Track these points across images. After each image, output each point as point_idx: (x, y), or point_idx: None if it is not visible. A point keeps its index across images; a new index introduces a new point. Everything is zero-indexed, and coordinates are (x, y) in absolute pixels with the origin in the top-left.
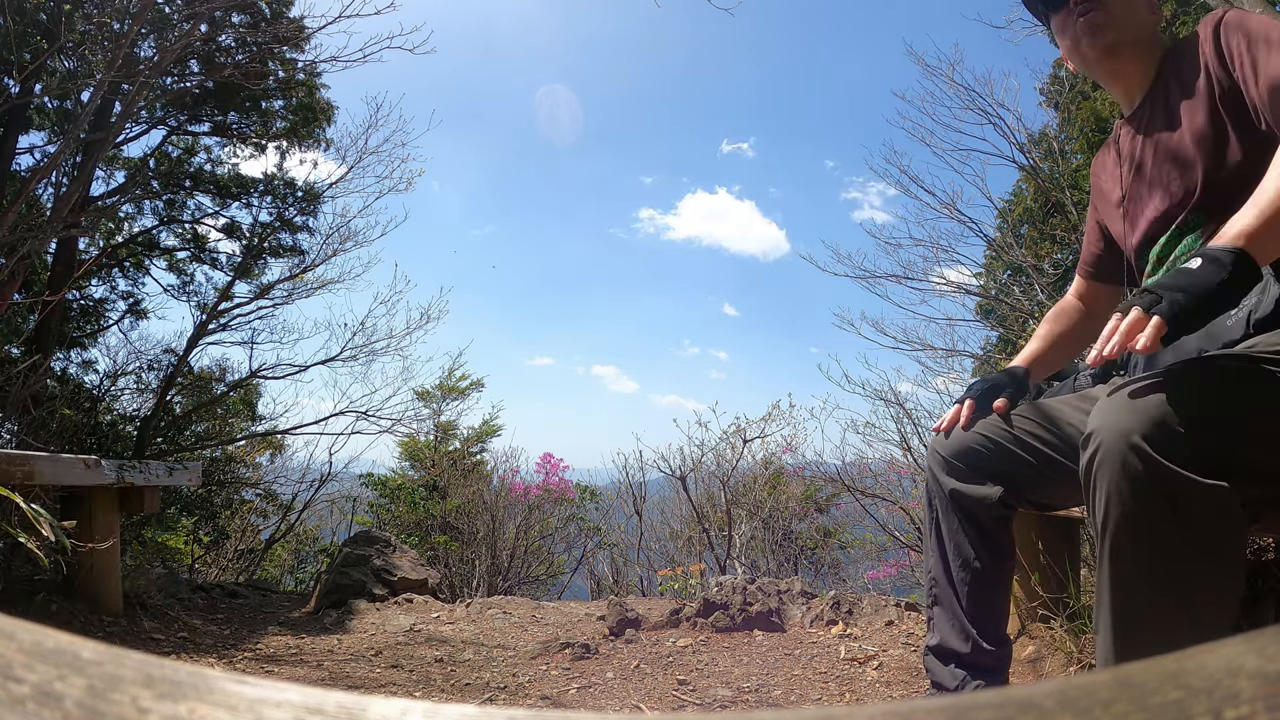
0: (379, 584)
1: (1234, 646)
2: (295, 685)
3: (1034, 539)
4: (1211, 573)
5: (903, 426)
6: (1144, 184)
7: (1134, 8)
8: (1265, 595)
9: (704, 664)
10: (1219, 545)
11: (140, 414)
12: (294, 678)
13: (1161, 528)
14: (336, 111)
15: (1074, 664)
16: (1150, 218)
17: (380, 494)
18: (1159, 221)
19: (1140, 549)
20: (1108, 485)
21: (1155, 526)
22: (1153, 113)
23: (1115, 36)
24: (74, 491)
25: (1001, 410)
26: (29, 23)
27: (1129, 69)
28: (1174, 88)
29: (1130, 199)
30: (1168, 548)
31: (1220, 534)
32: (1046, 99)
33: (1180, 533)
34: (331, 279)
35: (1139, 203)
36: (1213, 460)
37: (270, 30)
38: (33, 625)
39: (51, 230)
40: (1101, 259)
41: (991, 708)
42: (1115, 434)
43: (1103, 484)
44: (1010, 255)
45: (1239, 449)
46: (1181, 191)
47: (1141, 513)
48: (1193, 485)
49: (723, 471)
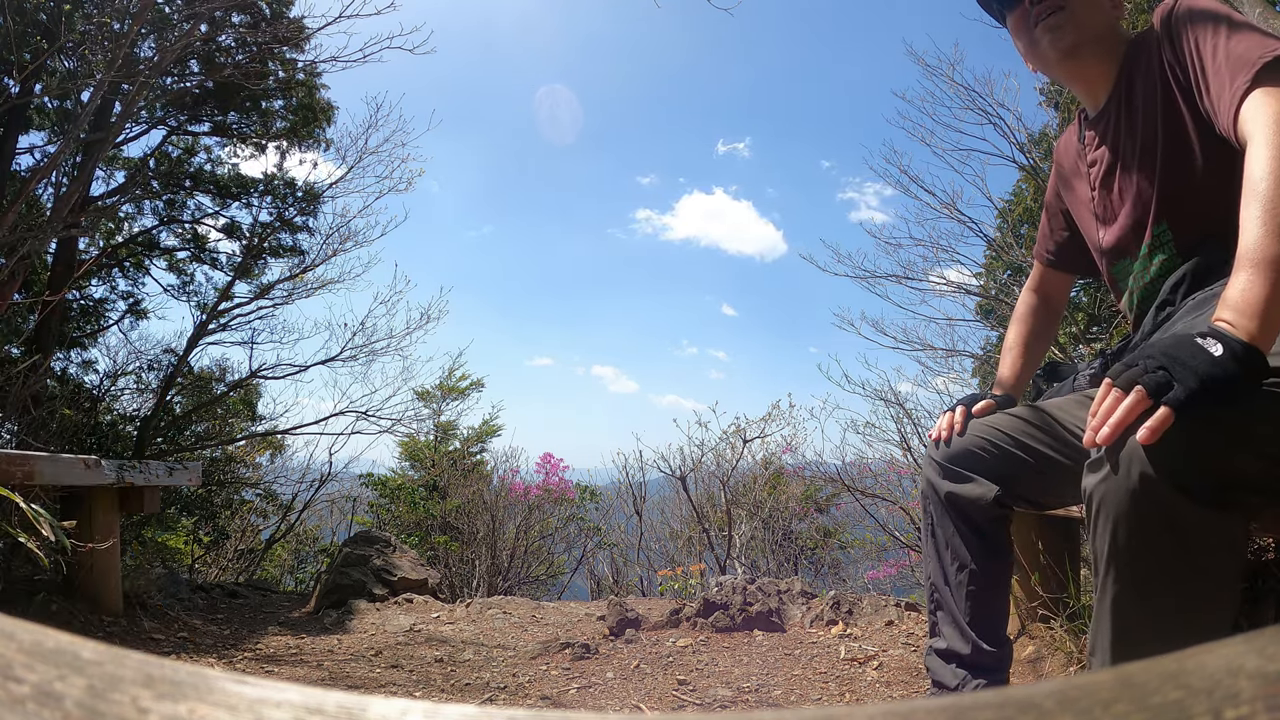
0: (379, 584)
1: (1234, 646)
2: (295, 685)
3: (1034, 539)
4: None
5: (903, 426)
6: (1112, 190)
7: (1096, 5)
8: (1265, 595)
9: (704, 664)
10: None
11: (140, 414)
12: (294, 678)
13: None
14: (336, 111)
15: (1074, 664)
16: (1122, 225)
17: (380, 494)
18: (1131, 230)
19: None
20: (1114, 513)
21: (1163, 560)
22: (1118, 114)
23: (1076, 38)
24: (74, 491)
25: (984, 411)
26: (29, 23)
27: (1090, 71)
28: (1136, 87)
29: (1100, 203)
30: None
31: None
32: (1046, 99)
33: (1188, 566)
34: (331, 279)
35: (1109, 209)
36: (1224, 487)
37: (270, 30)
38: (33, 625)
39: (51, 230)
40: (1065, 248)
41: (991, 708)
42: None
43: (1108, 511)
44: (1010, 255)
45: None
46: (1150, 200)
47: (1149, 544)
48: (1204, 519)
49: (723, 471)
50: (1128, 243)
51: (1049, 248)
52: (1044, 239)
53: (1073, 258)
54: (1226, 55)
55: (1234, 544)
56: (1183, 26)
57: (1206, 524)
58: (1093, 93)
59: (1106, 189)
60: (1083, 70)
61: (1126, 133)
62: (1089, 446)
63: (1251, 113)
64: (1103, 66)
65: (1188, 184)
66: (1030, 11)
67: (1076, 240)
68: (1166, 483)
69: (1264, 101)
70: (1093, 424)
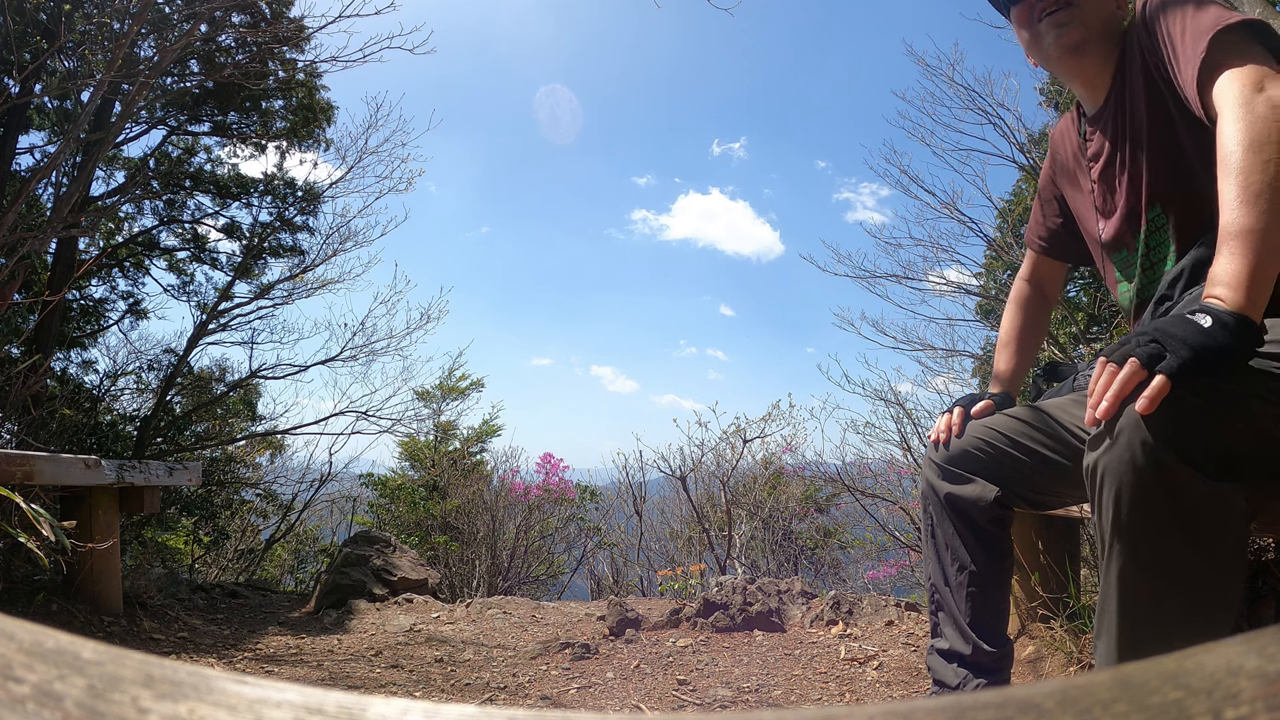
0: (379, 584)
1: (1234, 646)
2: (295, 685)
3: (1034, 539)
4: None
5: (903, 426)
6: (1110, 183)
7: (1102, 3)
8: (1265, 595)
9: (704, 664)
10: (1228, 549)
11: (140, 414)
12: (294, 678)
13: (1170, 530)
14: (336, 111)
15: (1074, 664)
16: (1119, 215)
17: (380, 494)
18: (1126, 220)
19: (1148, 550)
20: (1117, 484)
21: (1164, 529)
22: (1115, 110)
23: (1082, 35)
24: (74, 491)
25: (983, 412)
26: (29, 23)
27: (1091, 69)
28: (1128, 81)
29: (1100, 197)
30: (1175, 550)
31: (1229, 538)
32: (1046, 99)
33: (1189, 535)
34: (331, 279)
35: (1108, 202)
36: (1222, 459)
37: (270, 30)
38: (33, 625)
39: (51, 230)
40: (1058, 235)
41: (991, 708)
42: (1124, 431)
43: (1111, 482)
44: (1010, 255)
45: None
46: (1141, 186)
47: (1151, 514)
48: (1204, 489)
49: (723, 471)
50: (1124, 233)
51: (1041, 234)
52: (1036, 225)
53: (1065, 245)
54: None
55: (1235, 516)
56: (1156, 15)
57: (1208, 496)
58: (1092, 90)
59: (1105, 183)
60: (1083, 68)
61: (1122, 127)
62: (1090, 426)
63: (1219, 88)
64: (1102, 63)
65: (1176, 168)
66: (1035, 5)
67: (1070, 227)
68: (1165, 450)
69: (1228, 75)
70: (1091, 401)
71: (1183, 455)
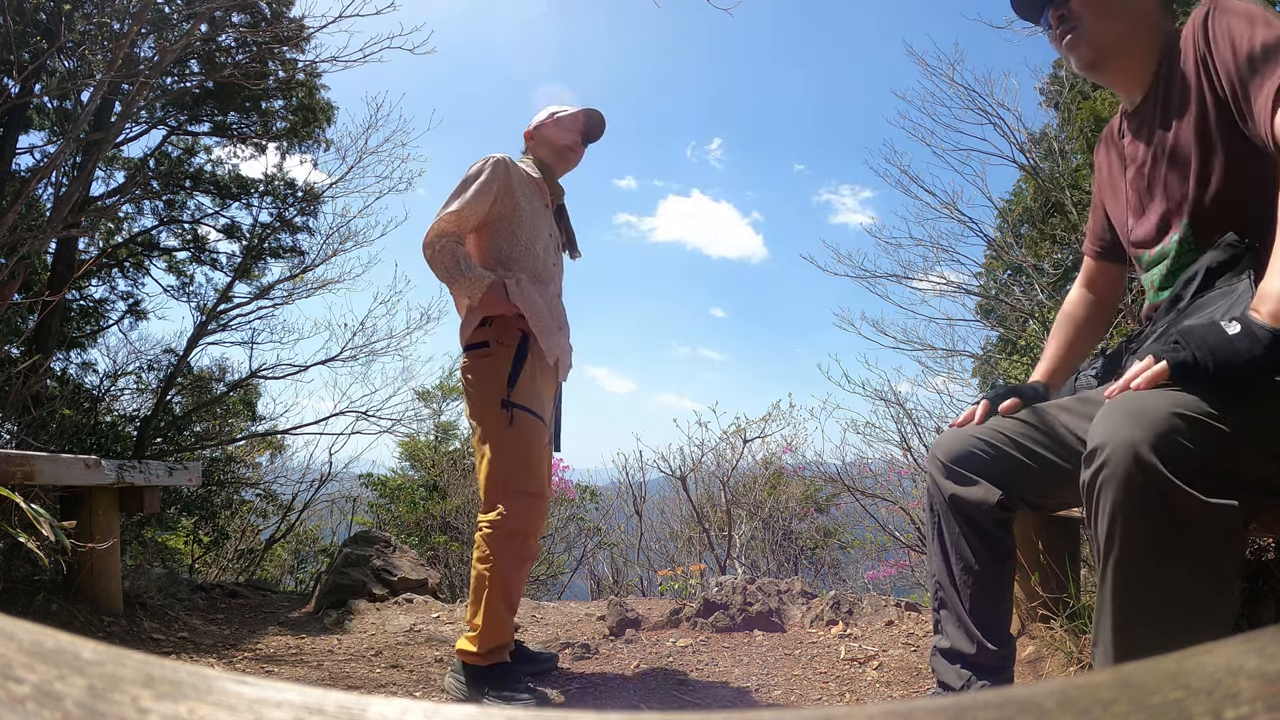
0: (379, 584)
1: (1234, 646)
2: (295, 685)
3: (1034, 539)
4: (1214, 593)
5: (903, 426)
6: (1146, 184)
7: (1113, 14)
8: (1265, 595)
9: (704, 664)
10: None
11: (140, 414)
12: (294, 678)
13: (1169, 548)
14: (336, 112)
15: (1074, 664)
16: (1151, 219)
17: (380, 494)
18: (1157, 226)
19: (1146, 569)
20: (1113, 502)
21: (1163, 547)
22: (1154, 111)
23: (1093, 55)
24: (74, 491)
25: (1009, 410)
26: (29, 23)
27: (1118, 75)
28: (1172, 86)
29: (1132, 201)
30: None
31: (1224, 554)
32: (1046, 99)
33: (1187, 553)
34: (331, 279)
35: (1140, 206)
36: (1218, 472)
37: (270, 30)
38: (33, 625)
39: (51, 230)
40: (1108, 241)
41: (991, 708)
42: (1121, 447)
43: (1107, 500)
44: (1010, 255)
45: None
46: (1178, 197)
47: (1148, 532)
48: (1201, 506)
49: (723, 471)
50: (1153, 236)
51: (1094, 241)
52: (1092, 235)
53: (1117, 248)
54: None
55: (1231, 532)
56: (1216, 27)
57: (1203, 513)
58: (1128, 91)
59: (1140, 182)
60: (1107, 78)
61: (1162, 129)
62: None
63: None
64: (1133, 65)
65: (1216, 186)
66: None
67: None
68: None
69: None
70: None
71: (1180, 468)
